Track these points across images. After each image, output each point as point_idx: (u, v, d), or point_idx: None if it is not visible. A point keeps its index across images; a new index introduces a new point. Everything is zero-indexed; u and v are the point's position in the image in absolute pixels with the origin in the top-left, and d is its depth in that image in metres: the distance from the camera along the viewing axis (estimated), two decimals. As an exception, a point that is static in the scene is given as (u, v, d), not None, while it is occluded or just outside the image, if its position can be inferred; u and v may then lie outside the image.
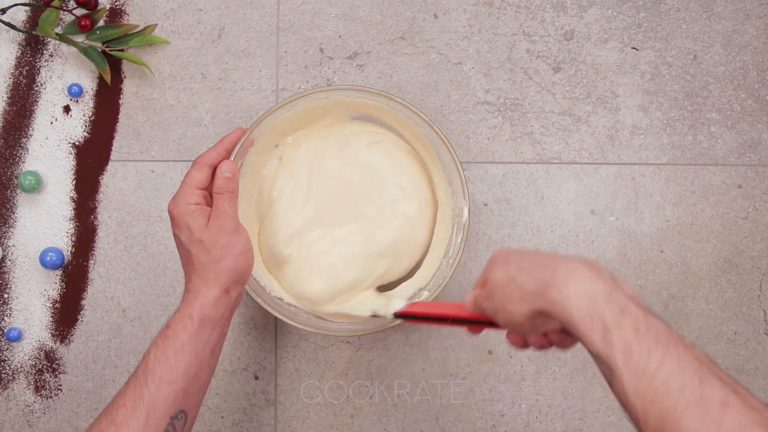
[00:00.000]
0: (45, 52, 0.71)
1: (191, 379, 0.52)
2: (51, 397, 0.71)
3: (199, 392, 0.54)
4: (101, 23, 0.71)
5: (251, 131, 0.60)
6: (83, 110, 0.71)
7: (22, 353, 0.70)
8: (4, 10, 0.69)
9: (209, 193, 0.57)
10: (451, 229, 0.65)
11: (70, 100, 0.71)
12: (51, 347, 0.71)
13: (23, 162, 0.71)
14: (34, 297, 0.70)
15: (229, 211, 0.55)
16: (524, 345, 0.50)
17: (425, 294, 0.63)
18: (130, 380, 0.52)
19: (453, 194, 0.64)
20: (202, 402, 0.55)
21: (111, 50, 0.70)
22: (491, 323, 0.50)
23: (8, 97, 0.71)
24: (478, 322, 0.52)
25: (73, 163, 0.71)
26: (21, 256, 0.71)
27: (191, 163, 0.70)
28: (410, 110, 0.61)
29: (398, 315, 0.59)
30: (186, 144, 0.71)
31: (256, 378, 0.71)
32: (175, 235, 0.56)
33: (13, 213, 0.71)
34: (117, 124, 0.71)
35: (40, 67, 0.71)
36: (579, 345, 0.71)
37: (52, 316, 0.71)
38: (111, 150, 0.71)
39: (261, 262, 0.66)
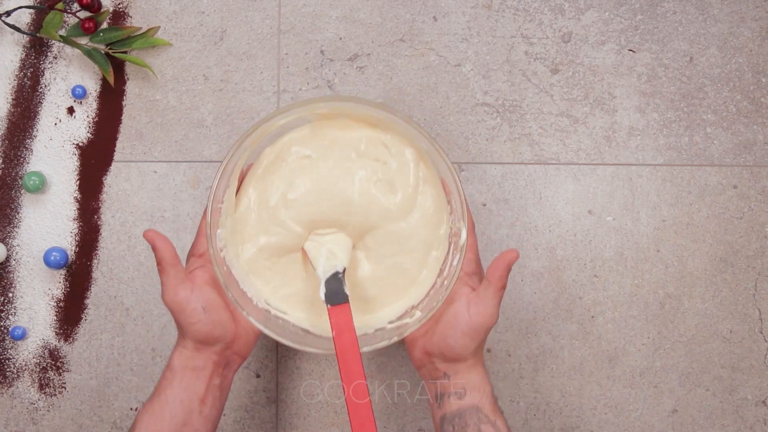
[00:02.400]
0: (49, 54, 0.72)
1: (179, 427, 0.53)
2: (55, 395, 0.72)
3: None
4: (104, 26, 0.72)
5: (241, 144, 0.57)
6: (87, 112, 0.72)
7: (27, 352, 0.71)
8: (8, 13, 0.70)
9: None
10: (447, 248, 0.62)
11: (74, 101, 0.72)
12: (55, 346, 0.72)
13: (27, 163, 0.72)
14: (39, 296, 0.71)
15: (164, 283, 0.55)
16: None
17: (417, 314, 0.60)
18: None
19: (452, 213, 0.61)
20: None
21: (114, 52, 0.70)
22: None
23: (13, 99, 0.72)
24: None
25: (77, 163, 0.72)
26: (25, 255, 0.71)
27: (192, 163, 0.72)
28: (411, 125, 0.58)
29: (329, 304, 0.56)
30: (188, 145, 0.72)
31: (258, 376, 0.72)
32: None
33: (18, 213, 0.72)
34: (120, 126, 0.72)
35: (44, 69, 0.72)
36: (576, 342, 0.72)
37: (56, 315, 0.71)
38: (114, 151, 0.72)
39: (248, 270, 0.62)
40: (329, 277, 0.58)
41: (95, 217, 0.72)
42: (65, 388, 0.72)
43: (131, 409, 0.72)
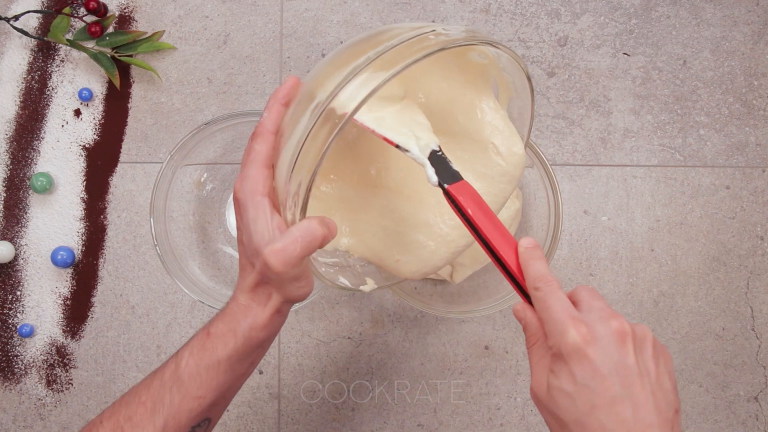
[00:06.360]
0: (56, 57, 0.73)
1: (223, 393, 0.47)
2: (62, 391, 0.73)
3: (230, 397, 0.49)
4: (111, 30, 0.73)
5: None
6: (93, 114, 0.74)
7: (35, 349, 0.73)
8: (17, 17, 0.72)
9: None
10: None
11: (81, 104, 0.74)
12: (62, 343, 0.73)
13: (35, 164, 0.73)
14: (46, 294, 0.73)
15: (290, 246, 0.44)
16: None
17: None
18: (156, 376, 0.47)
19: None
20: (229, 403, 0.51)
21: (120, 56, 0.72)
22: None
23: (21, 101, 0.73)
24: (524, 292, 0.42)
25: (84, 164, 0.73)
26: (33, 254, 0.73)
27: (196, 166, 0.73)
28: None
29: (444, 189, 0.46)
30: (192, 146, 0.73)
31: (261, 373, 0.73)
32: (237, 226, 0.47)
33: (26, 213, 0.73)
34: (126, 127, 0.74)
35: (52, 72, 0.73)
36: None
37: (63, 313, 0.73)
38: (120, 152, 0.74)
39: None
40: (430, 157, 0.47)
41: (101, 217, 0.73)
42: (72, 385, 0.73)
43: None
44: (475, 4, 0.74)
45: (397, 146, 0.47)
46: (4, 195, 0.73)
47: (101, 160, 0.74)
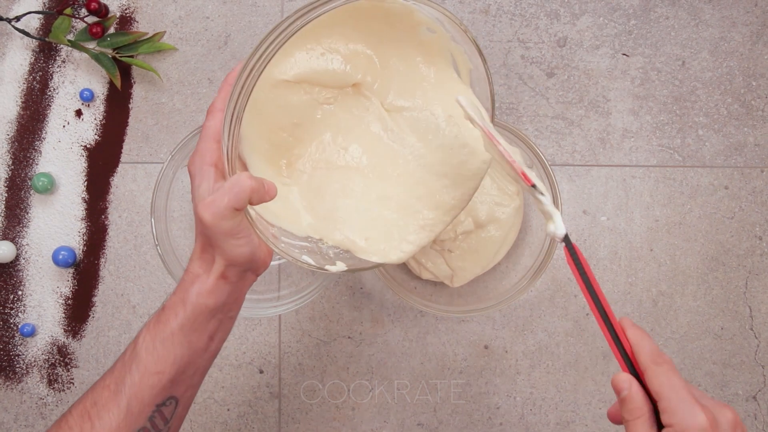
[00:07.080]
0: (57, 58, 0.74)
1: (182, 368, 0.48)
2: (63, 390, 0.73)
3: (194, 376, 0.49)
4: (112, 30, 0.73)
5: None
6: (94, 114, 0.74)
7: (36, 348, 0.73)
8: (18, 18, 0.72)
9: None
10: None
11: (82, 104, 0.74)
12: (63, 342, 0.73)
13: (37, 164, 0.74)
14: (47, 294, 0.73)
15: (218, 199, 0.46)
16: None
17: None
18: (118, 359, 0.49)
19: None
20: (200, 384, 0.51)
21: (121, 56, 0.72)
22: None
23: (22, 102, 0.74)
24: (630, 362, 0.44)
25: (85, 165, 0.74)
26: (34, 254, 0.73)
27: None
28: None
29: (569, 245, 0.45)
30: (193, 147, 0.74)
31: (261, 372, 0.74)
32: (192, 199, 0.49)
33: (27, 213, 0.73)
34: (127, 128, 0.74)
35: (53, 72, 0.74)
36: (571, 339, 0.73)
37: (64, 313, 0.73)
38: (121, 152, 0.74)
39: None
40: None
41: (102, 217, 0.74)
42: (73, 384, 0.73)
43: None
44: (475, 5, 0.74)
45: (533, 186, 0.47)
46: (6, 195, 0.73)
47: (102, 160, 0.74)
